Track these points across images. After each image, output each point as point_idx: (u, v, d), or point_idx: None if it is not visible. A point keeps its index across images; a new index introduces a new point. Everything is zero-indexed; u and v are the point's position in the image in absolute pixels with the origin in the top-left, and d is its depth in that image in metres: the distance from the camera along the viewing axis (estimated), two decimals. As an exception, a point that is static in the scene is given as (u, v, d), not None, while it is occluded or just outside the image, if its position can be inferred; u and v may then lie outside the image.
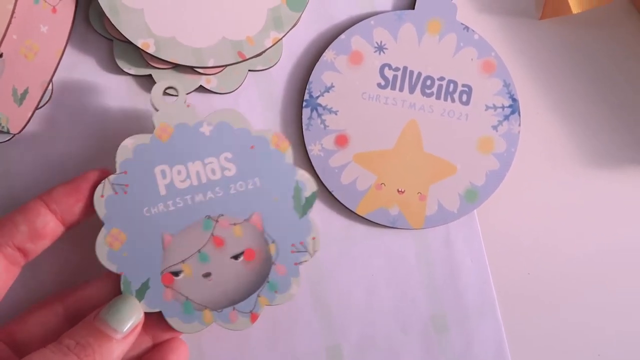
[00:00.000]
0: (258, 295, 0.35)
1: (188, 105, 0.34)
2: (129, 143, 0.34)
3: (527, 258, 0.40)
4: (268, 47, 0.37)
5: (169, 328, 0.34)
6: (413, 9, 0.38)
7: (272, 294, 0.35)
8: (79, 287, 0.35)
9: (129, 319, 0.32)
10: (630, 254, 0.40)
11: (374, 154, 0.38)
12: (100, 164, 0.37)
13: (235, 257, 0.35)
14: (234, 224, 0.35)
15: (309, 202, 0.36)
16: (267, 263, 0.36)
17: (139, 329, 0.32)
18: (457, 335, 0.38)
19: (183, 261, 0.35)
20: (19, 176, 0.37)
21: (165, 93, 0.36)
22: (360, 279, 0.38)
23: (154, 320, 0.34)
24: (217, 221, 0.35)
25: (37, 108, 0.37)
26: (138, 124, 0.38)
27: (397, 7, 0.39)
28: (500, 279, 0.39)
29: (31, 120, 0.36)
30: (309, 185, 0.36)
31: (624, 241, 0.40)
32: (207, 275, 0.35)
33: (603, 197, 0.40)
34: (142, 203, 0.34)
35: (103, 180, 0.34)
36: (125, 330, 0.31)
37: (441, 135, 0.38)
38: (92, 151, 0.38)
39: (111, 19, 0.36)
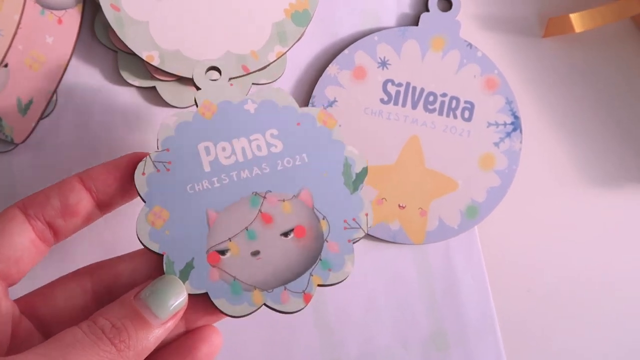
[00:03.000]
0: (311, 274, 0.32)
1: (232, 85, 0.33)
2: (171, 121, 0.33)
3: (527, 275, 0.40)
4: (272, 61, 0.37)
5: (206, 313, 0.32)
6: (417, 25, 0.39)
7: (326, 272, 0.32)
8: (111, 261, 0.32)
9: (172, 303, 0.28)
10: (631, 273, 0.40)
11: (375, 168, 0.38)
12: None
13: (285, 234, 0.33)
14: (283, 200, 0.33)
15: (360, 178, 0.34)
16: (319, 240, 0.33)
17: (180, 314, 0.29)
18: (457, 352, 0.38)
19: (230, 239, 0.33)
20: (22, 185, 0.37)
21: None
22: (360, 294, 0.38)
23: (191, 304, 0.30)
24: (264, 197, 0.33)
25: (41, 118, 0.37)
26: (141, 135, 0.38)
27: (401, 24, 0.39)
28: (500, 296, 0.39)
29: (35, 130, 0.37)
30: (359, 161, 0.34)
31: (626, 260, 0.40)
32: (255, 253, 0.33)
33: (604, 216, 0.40)
34: (185, 180, 0.33)
35: (144, 158, 0.32)
36: (166, 315, 0.28)
37: (443, 151, 0.38)
38: (95, 161, 0.37)
39: (116, 31, 0.36)
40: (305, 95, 0.39)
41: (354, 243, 0.33)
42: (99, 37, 0.38)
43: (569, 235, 0.40)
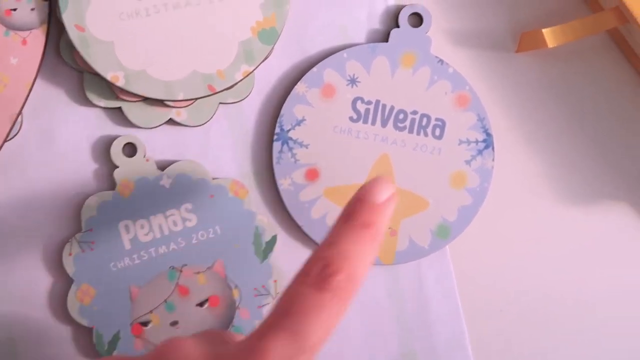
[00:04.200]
0: None
1: (147, 160, 0.36)
2: (92, 201, 0.36)
3: (500, 295, 0.39)
4: (238, 80, 0.37)
5: None
6: (387, 41, 0.38)
7: None
8: None
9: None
10: (606, 291, 0.40)
11: (345, 188, 0.38)
12: (70, 196, 0.37)
13: (201, 304, 0.37)
14: (198, 273, 0.37)
15: (269, 246, 0.37)
16: (232, 308, 0.37)
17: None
18: (428, 373, 0.38)
19: (151, 311, 0.36)
20: (-12, 207, 0.37)
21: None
22: (329, 315, 0.38)
23: None
24: (181, 271, 0.36)
25: (5, 140, 0.36)
26: (107, 155, 0.37)
27: (370, 40, 0.39)
28: (472, 316, 0.39)
29: (0, 152, 0.36)
30: (269, 230, 0.37)
31: (600, 278, 0.40)
32: (174, 323, 0.36)
33: (579, 234, 0.40)
34: (108, 258, 0.36)
35: (70, 239, 0.35)
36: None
37: (413, 169, 0.38)
38: (61, 183, 0.37)
39: (81, 52, 0.36)
40: (273, 114, 0.38)
41: (263, 308, 0.37)
42: (64, 57, 0.37)
43: (542, 254, 0.40)
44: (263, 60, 0.37)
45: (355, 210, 0.27)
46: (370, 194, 0.28)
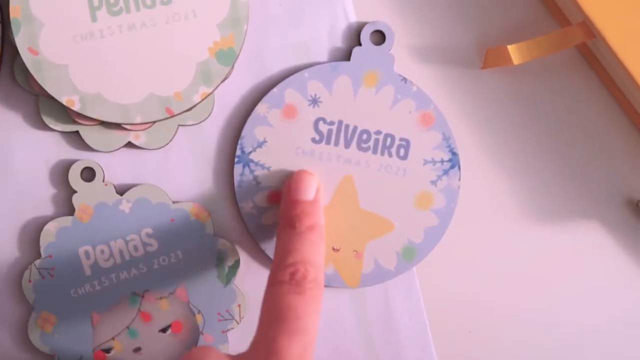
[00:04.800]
0: None
1: (106, 185, 0.36)
2: (51, 227, 0.35)
3: (468, 316, 0.39)
4: (197, 102, 0.36)
5: None
6: (349, 60, 0.37)
7: None
8: None
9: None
10: (575, 312, 0.39)
11: (308, 211, 0.37)
12: (28, 222, 0.37)
13: (164, 330, 0.36)
14: (160, 298, 0.36)
15: (233, 271, 0.37)
16: (195, 333, 0.36)
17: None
18: (396, 397, 0.37)
19: (113, 338, 0.36)
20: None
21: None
22: (294, 340, 0.37)
23: None
24: (143, 297, 0.36)
25: (-39, 166, 0.36)
26: (66, 180, 0.36)
27: (332, 58, 0.38)
28: (441, 338, 0.38)
29: (-44, 179, 0.36)
30: (231, 254, 0.37)
31: (569, 298, 0.39)
32: (137, 350, 0.36)
33: (547, 253, 0.39)
34: (68, 285, 0.36)
35: (29, 266, 0.35)
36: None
37: (378, 191, 0.37)
38: (19, 208, 0.37)
39: (35, 76, 0.35)
40: (234, 136, 0.37)
41: (227, 332, 0.37)
42: (19, 81, 0.36)
43: (511, 274, 0.39)
44: (222, 81, 0.36)
45: (296, 215, 0.33)
46: (302, 193, 0.34)
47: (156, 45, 0.35)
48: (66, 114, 0.36)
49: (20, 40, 0.35)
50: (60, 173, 0.37)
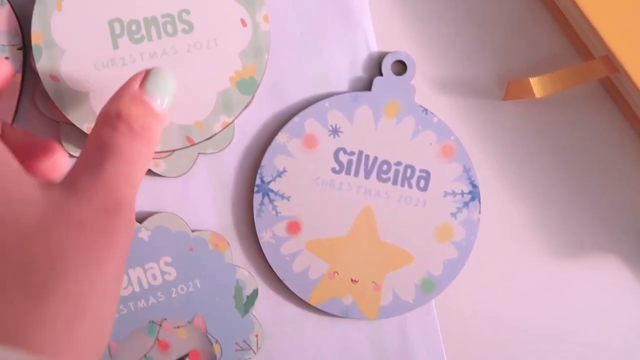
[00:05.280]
0: None
1: None
2: None
3: (487, 350, 0.38)
4: (217, 132, 0.36)
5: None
6: (370, 90, 0.37)
7: None
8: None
9: (170, 91, 0.29)
10: (596, 345, 0.39)
11: (327, 241, 0.37)
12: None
13: (181, 359, 0.36)
14: (178, 327, 0.36)
15: (251, 300, 0.37)
16: None
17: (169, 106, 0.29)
18: None
19: None
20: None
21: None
22: (312, 371, 0.37)
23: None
24: (160, 325, 0.36)
25: (-19, 191, 0.36)
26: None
27: (353, 88, 0.38)
28: (459, 372, 0.38)
29: (-25, 205, 0.36)
30: (250, 284, 0.37)
31: (590, 332, 0.39)
32: None
33: (567, 288, 0.38)
34: None
35: None
36: (166, 105, 0.28)
37: (397, 222, 0.37)
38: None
39: (56, 103, 0.35)
40: (254, 165, 0.37)
41: None
42: (40, 107, 0.36)
43: (529, 308, 0.38)
44: (242, 110, 0.36)
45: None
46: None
47: (177, 73, 0.35)
48: (86, 141, 0.36)
49: (42, 67, 0.35)
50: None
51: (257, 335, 0.37)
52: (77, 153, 0.36)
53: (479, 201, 0.37)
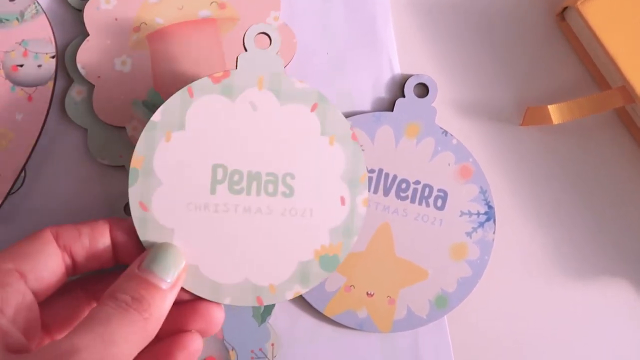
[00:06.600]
0: None
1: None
2: None
3: (496, 367, 0.39)
4: (288, 299, 0.34)
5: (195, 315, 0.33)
6: (392, 110, 0.38)
7: None
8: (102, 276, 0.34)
9: (174, 266, 0.30)
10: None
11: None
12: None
13: None
14: None
15: (268, 310, 0.37)
16: None
17: (183, 276, 0.31)
18: None
19: None
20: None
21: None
22: (325, 382, 0.38)
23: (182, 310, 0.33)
24: None
25: (9, 194, 0.36)
26: (110, 213, 0.37)
27: (376, 108, 0.39)
28: (468, 387, 0.39)
29: (3, 206, 0.36)
30: None
31: (600, 355, 0.40)
32: None
33: (578, 310, 0.40)
34: None
35: None
36: (172, 278, 0.30)
37: (414, 239, 0.38)
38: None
39: (137, 230, 0.32)
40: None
41: None
42: (69, 113, 0.37)
43: (540, 329, 0.39)
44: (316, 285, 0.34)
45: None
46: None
47: (265, 233, 0.34)
48: (113, 147, 0.37)
49: (133, 192, 0.33)
50: (104, 206, 0.38)
51: (272, 344, 0.37)
52: (104, 160, 0.37)
53: (494, 222, 0.38)
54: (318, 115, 0.33)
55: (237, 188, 0.33)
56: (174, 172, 0.33)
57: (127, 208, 0.37)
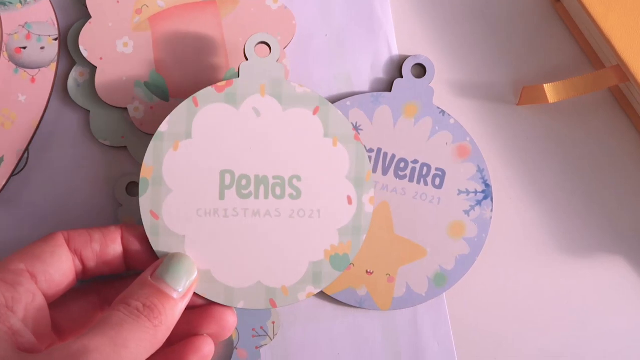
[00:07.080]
0: None
1: None
2: None
3: (495, 344, 0.40)
4: (301, 300, 0.35)
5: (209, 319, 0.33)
6: (390, 91, 0.38)
7: None
8: (115, 281, 0.35)
9: (185, 276, 0.31)
10: (601, 344, 0.40)
11: (344, 234, 0.38)
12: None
13: None
14: None
15: None
16: (230, 348, 0.37)
17: (195, 286, 0.32)
18: (421, 419, 0.38)
19: None
20: (-8, 240, 0.37)
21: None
22: (325, 359, 0.38)
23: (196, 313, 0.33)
24: None
25: (12, 175, 0.37)
26: (111, 194, 0.38)
27: (374, 89, 0.39)
28: (467, 364, 0.39)
29: (6, 187, 0.37)
30: None
31: (596, 330, 0.40)
32: None
33: (575, 286, 0.40)
34: None
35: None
36: (184, 288, 0.31)
37: (412, 218, 0.38)
38: (65, 217, 0.38)
39: (149, 238, 0.33)
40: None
41: (260, 349, 0.37)
42: (71, 95, 0.38)
43: (538, 305, 0.40)
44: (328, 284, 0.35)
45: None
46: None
47: (275, 235, 0.34)
48: (115, 127, 0.38)
49: (144, 201, 0.33)
50: (106, 187, 0.38)
51: (273, 323, 0.38)
52: (106, 141, 0.38)
53: (492, 200, 0.38)
54: (320, 117, 0.34)
55: (245, 192, 0.34)
56: (183, 180, 0.34)
57: (129, 188, 0.37)
